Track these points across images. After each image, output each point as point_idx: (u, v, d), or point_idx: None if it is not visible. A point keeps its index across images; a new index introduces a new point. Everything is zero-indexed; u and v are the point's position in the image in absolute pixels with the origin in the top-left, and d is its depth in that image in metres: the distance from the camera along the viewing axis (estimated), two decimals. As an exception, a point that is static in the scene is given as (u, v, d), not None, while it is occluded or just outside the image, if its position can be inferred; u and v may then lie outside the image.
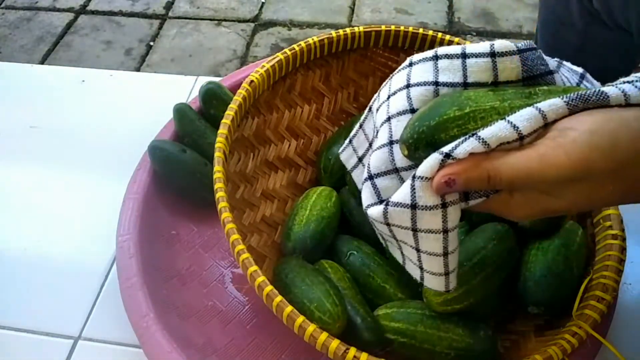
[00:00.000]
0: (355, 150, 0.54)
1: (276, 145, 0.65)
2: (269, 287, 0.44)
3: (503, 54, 0.41)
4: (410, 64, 0.45)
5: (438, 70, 0.43)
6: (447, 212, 0.38)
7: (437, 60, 0.43)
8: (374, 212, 0.42)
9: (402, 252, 0.45)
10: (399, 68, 0.46)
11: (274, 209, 0.62)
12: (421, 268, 0.43)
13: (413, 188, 0.38)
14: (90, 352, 0.57)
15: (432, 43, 0.63)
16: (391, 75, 0.47)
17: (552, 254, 0.51)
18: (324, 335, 0.42)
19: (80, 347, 0.57)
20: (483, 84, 0.42)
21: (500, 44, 0.41)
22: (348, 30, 0.63)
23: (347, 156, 0.55)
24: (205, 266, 0.62)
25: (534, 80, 0.42)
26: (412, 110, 0.42)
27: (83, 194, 0.70)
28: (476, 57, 0.42)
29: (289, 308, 0.43)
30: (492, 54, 0.41)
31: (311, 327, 0.42)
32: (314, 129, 0.68)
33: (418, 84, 0.43)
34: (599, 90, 0.35)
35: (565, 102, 0.35)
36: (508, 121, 0.36)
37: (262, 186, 0.62)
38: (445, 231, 0.39)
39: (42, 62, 1.25)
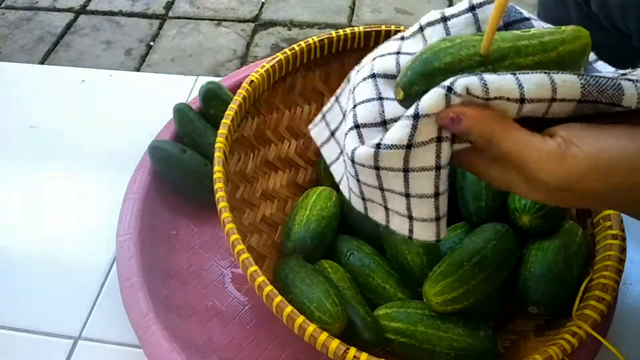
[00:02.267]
0: (328, 124, 0.51)
1: (276, 145, 0.65)
2: (269, 287, 0.44)
3: (482, 4, 0.42)
4: (402, 38, 0.45)
5: (426, 42, 0.43)
6: (441, 147, 0.37)
7: (422, 30, 0.44)
8: (362, 153, 0.40)
9: (386, 208, 0.43)
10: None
11: (274, 209, 0.62)
12: (410, 217, 0.41)
13: (412, 127, 0.37)
14: (90, 352, 0.57)
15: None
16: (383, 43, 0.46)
17: (552, 254, 0.51)
18: (324, 335, 0.42)
19: (80, 347, 0.57)
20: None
21: None
22: (348, 30, 0.63)
23: (318, 132, 0.52)
24: (205, 266, 0.62)
25: (512, 26, 0.41)
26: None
27: (83, 194, 0.70)
28: (456, 16, 0.42)
29: (289, 308, 0.43)
30: (472, 8, 0.42)
31: (311, 327, 0.42)
32: (314, 129, 0.68)
33: (407, 53, 0.43)
34: (617, 83, 0.34)
35: (581, 83, 0.34)
36: (517, 78, 0.34)
37: (262, 186, 0.62)
38: (437, 168, 0.38)
39: (42, 62, 1.25)
